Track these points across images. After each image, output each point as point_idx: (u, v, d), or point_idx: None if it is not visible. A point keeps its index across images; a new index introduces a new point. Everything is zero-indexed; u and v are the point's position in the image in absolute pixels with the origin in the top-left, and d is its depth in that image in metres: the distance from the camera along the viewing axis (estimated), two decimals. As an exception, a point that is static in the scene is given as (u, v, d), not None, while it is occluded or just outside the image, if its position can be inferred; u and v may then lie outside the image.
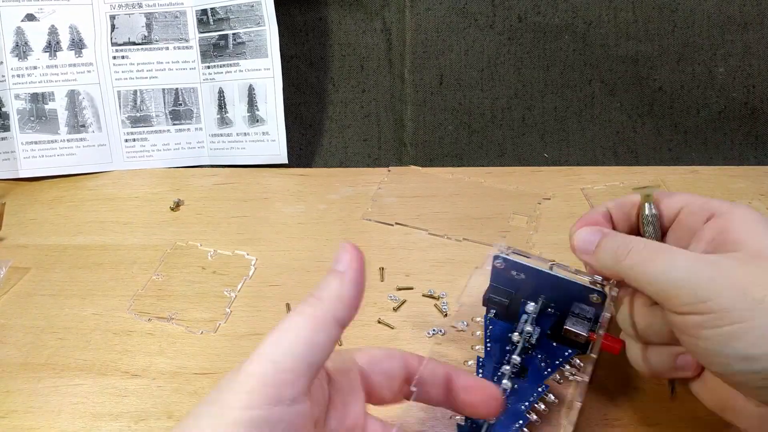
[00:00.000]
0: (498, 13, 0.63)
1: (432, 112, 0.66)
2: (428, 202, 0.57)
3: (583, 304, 0.35)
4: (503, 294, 0.37)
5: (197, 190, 0.61)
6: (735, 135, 0.63)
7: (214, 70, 0.65)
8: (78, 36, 0.64)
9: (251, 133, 0.64)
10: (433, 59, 0.65)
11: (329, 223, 0.55)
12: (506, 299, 0.37)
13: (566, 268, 0.35)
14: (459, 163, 0.65)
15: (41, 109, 0.63)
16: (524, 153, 0.65)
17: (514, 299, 0.36)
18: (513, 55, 0.64)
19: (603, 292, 0.34)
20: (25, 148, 0.63)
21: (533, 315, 0.35)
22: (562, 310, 0.35)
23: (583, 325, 0.34)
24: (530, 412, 0.34)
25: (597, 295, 0.34)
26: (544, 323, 0.36)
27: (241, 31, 0.63)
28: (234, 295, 0.48)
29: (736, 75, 0.61)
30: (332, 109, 0.67)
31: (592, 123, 0.64)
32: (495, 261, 0.36)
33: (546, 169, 0.61)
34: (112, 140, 0.65)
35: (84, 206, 0.60)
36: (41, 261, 0.52)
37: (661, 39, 0.62)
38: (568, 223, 0.53)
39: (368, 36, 0.66)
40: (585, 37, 0.63)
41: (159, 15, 0.64)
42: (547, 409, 0.35)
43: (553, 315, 0.36)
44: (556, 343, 0.36)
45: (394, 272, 0.49)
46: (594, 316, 0.34)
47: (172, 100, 0.66)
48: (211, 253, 0.52)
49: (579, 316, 0.35)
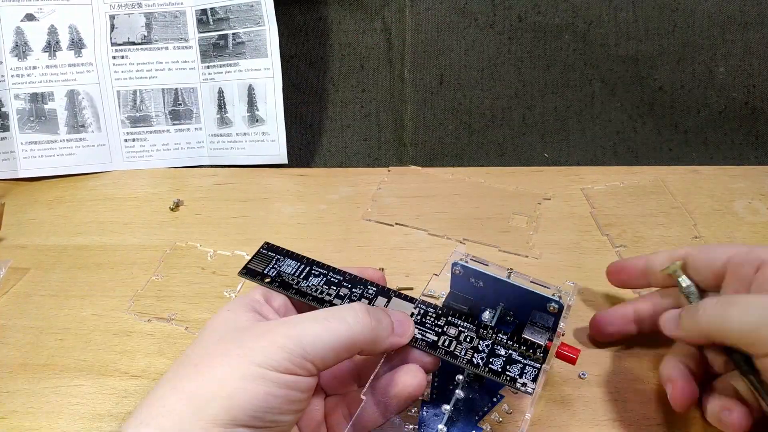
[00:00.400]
0: (498, 12, 0.63)
1: (432, 112, 0.66)
2: (428, 202, 0.57)
3: (540, 313, 0.35)
4: (462, 301, 0.37)
5: (197, 190, 0.61)
6: (735, 135, 0.63)
7: (214, 70, 0.65)
8: (77, 36, 0.64)
9: (251, 133, 0.64)
10: (433, 59, 0.65)
11: (329, 223, 0.55)
12: (465, 306, 0.37)
13: (524, 276, 0.35)
14: (459, 163, 0.65)
15: (41, 109, 0.63)
16: (524, 153, 0.65)
17: (473, 306, 0.36)
18: (513, 54, 0.64)
19: (560, 302, 0.34)
20: (25, 148, 0.63)
21: (494, 321, 0.35)
22: (521, 319, 0.35)
23: (542, 334, 0.34)
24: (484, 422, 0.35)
25: (554, 304, 0.34)
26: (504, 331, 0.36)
27: (240, 30, 0.63)
28: (234, 295, 0.48)
29: (736, 75, 0.61)
30: (332, 109, 0.67)
31: (592, 123, 0.64)
32: (454, 268, 0.36)
33: (546, 169, 0.61)
34: (112, 140, 0.65)
35: (83, 206, 0.59)
36: (41, 261, 0.52)
37: (661, 39, 0.62)
38: (568, 223, 0.54)
39: (368, 36, 0.66)
40: (585, 37, 0.63)
41: (158, 15, 0.64)
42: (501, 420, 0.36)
43: (512, 323, 0.36)
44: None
45: (394, 272, 0.49)
46: (552, 325, 0.35)
47: (171, 100, 0.66)
48: (210, 254, 0.52)
49: (537, 325, 0.35)
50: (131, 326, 0.45)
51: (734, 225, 0.52)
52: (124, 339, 0.44)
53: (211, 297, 0.48)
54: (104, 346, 0.44)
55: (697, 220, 0.52)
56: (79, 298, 0.48)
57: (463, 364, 0.32)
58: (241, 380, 0.27)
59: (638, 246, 0.50)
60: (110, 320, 0.46)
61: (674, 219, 0.53)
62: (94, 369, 0.42)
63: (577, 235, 0.52)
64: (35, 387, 0.41)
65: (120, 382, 0.41)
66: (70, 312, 0.47)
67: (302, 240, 0.53)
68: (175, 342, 0.44)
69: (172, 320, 0.46)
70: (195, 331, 0.45)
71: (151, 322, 0.46)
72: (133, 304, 0.47)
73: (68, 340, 0.44)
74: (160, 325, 0.45)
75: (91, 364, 0.42)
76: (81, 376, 0.41)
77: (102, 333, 0.45)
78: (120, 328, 0.45)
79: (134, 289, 0.49)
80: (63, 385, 0.41)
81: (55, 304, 0.48)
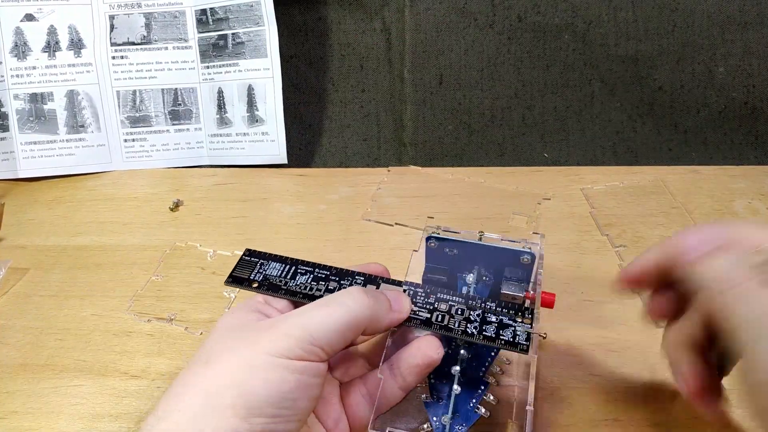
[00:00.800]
0: (498, 12, 0.63)
1: (432, 112, 0.66)
2: (428, 202, 0.57)
3: (514, 267, 0.36)
4: (440, 272, 0.38)
5: (196, 190, 0.61)
6: (735, 135, 0.63)
7: (214, 70, 0.65)
8: (77, 36, 0.64)
9: (251, 133, 0.64)
10: (432, 59, 0.65)
11: (329, 224, 0.55)
12: (443, 276, 0.38)
13: (493, 236, 0.37)
14: (459, 163, 0.65)
15: (40, 109, 0.63)
16: (524, 153, 0.65)
17: (450, 275, 0.38)
18: (513, 54, 0.64)
19: (531, 252, 0.35)
20: (24, 149, 0.63)
21: (473, 285, 0.36)
22: (496, 277, 0.37)
23: (518, 286, 0.35)
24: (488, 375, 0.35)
25: (527, 256, 0.35)
26: (482, 293, 0.37)
27: (240, 31, 0.63)
28: (234, 295, 0.48)
29: (736, 75, 0.61)
30: (332, 109, 0.67)
31: (592, 123, 0.64)
32: (428, 242, 0.37)
33: (546, 169, 0.61)
34: (112, 140, 0.65)
35: (83, 206, 0.59)
36: (40, 261, 0.52)
37: (660, 39, 0.62)
38: (568, 223, 0.54)
39: (368, 36, 0.66)
40: (585, 37, 0.63)
41: (158, 15, 0.64)
42: (502, 371, 0.37)
43: (489, 283, 0.37)
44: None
45: (394, 272, 0.48)
46: (526, 277, 0.36)
47: (171, 100, 0.66)
48: (210, 254, 0.52)
49: (512, 280, 0.36)
50: (131, 326, 0.45)
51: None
52: (123, 339, 0.44)
53: (211, 297, 0.48)
54: (104, 347, 0.44)
55: (697, 220, 0.52)
56: (78, 299, 0.48)
57: (459, 335, 0.33)
58: (253, 370, 0.28)
59: (638, 246, 0.50)
60: (110, 320, 0.46)
61: (674, 219, 0.53)
62: (93, 369, 0.42)
63: (577, 235, 0.52)
64: (35, 387, 0.41)
65: (120, 383, 0.41)
66: (70, 312, 0.47)
67: (302, 240, 0.53)
68: (174, 342, 0.44)
69: (172, 320, 0.46)
70: (195, 331, 0.45)
71: (150, 322, 0.46)
72: (132, 304, 0.47)
73: (68, 340, 0.44)
74: (159, 325, 0.45)
75: (90, 364, 0.42)
76: (81, 376, 0.41)
77: (102, 333, 0.45)
78: (120, 328, 0.45)
79: (134, 289, 0.49)
80: (63, 386, 0.41)
81: (54, 304, 0.48)
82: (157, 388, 0.40)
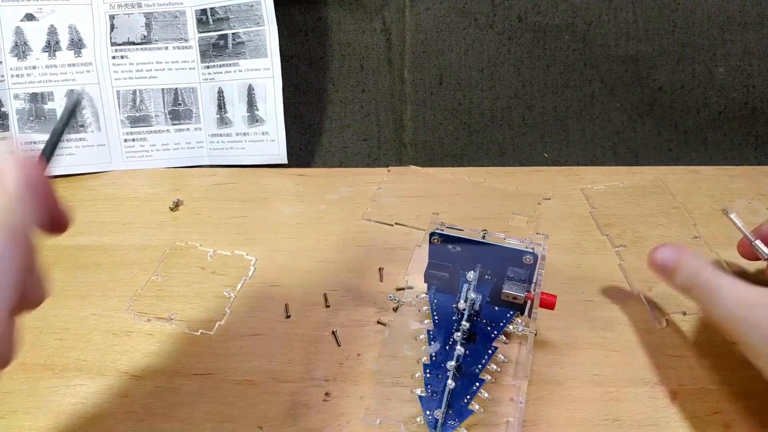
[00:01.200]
0: (498, 12, 0.63)
1: (432, 112, 0.66)
2: (428, 202, 0.57)
3: (516, 267, 0.36)
4: (442, 269, 0.38)
5: (196, 190, 0.61)
6: (735, 135, 0.63)
7: (214, 70, 0.65)
8: (77, 36, 0.64)
9: (251, 133, 0.64)
10: (432, 59, 0.65)
11: (329, 223, 0.55)
12: (446, 273, 0.38)
13: (497, 235, 0.37)
14: (459, 163, 0.65)
15: (40, 109, 0.63)
16: (524, 153, 0.65)
17: (452, 272, 0.38)
18: (513, 55, 0.64)
19: (534, 252, 0.36)
20: (24, 148, 0.63)
21: (474, 283, 0.37)
22: (498, 276, 0.37)
23: (520, 286, 0.36)
24: (484, 373, 0.36)
25: (529, 256, 0.36)
26: (483, 290, 0.37)
27: (240, 30, 0.63)
28: (233, 295, 0.48)
29: (736, 75, 0.61)
30: (332, 109, 0.67)
31: (592, 123, 0.64)
32: (432, 237, 0.38)
33: (546, 169, 0.61)
34: (112, 140, 0.65)
35: (83, 206, 0.59)
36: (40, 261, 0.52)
37: (661, 39, 0.62)
38: (568, 223, 0.54)
39: (368, 36, 0.66)
40: (585, 37, 0.63)
41: (158, 15, 0.64)
42: (499, 369, 0.37)
43: (491, 281, 0.37)
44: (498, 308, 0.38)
45: (394, 272, 0.49)
46: (528, 277, 0.36)
47: (171, 100, 0.66)
48: (210, 254, 0.52)
49: (514, 280, 0.36)
50: (131, 326, 0.45)
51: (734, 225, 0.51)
52: (123, 339, 0.44)
53: (211, 297, 0.48)
54: (104, 346, 0.44)
55: (697, 220, 0.52)
56: (78, 298, 0.48)
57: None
58: None
59: (638, 246, 0.50)
60: (110, 320, 0.46)
61: (674, 219, 0.53)
62: (93, 369, 0.42)
63: (576, 235, 0.52)
64: (34, 387, 0.41)
65: (119, 382, 0.41)
66: (70, 312, 0.47)
67: (302, 240, 0.53)
68: (174, 342, 0.44)
69: (172, 320, 0.46)
70: (195, 331, 0.45)
71: (150, 321, 0.46)
72: (132, 303, 0.47)
73: (68, 339, 0.44)
74: (159, 325, 0.45)
75: (90, 364, 0.42)
76: (80, 376, 0.41)
77: (102, 333, 0.45)
78: (120, 327, 0.45)
79: (134, 289, 0.49)
80: (62, 385, 0.41)
81: (54, 304, 0.48)
82: (157, 388, 0.40)
